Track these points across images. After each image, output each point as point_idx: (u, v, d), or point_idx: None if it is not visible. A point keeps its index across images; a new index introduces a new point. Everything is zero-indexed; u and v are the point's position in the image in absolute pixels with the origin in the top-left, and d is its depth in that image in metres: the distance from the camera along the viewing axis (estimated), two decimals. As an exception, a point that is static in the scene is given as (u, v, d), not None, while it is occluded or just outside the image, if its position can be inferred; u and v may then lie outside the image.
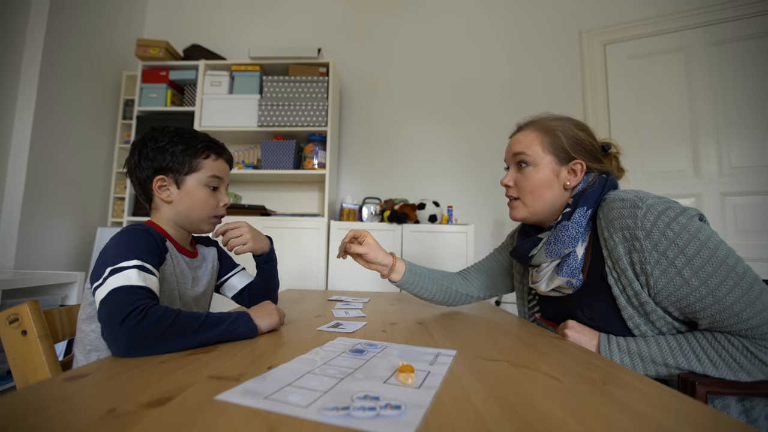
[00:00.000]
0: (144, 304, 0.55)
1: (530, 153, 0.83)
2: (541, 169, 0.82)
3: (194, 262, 0.85)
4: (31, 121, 2.00)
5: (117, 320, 0.52)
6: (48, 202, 2.12)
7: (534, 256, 0.84)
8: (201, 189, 0.79)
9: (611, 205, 0.75)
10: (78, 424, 0.31)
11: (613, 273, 0.73)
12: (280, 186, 2.68)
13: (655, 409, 0.37)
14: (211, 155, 0.80)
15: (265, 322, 0.67)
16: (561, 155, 0.82)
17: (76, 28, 2.27)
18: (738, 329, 0.62)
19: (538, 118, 0.88)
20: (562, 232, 0.78)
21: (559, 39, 2.63)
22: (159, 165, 0.77)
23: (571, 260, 0.78)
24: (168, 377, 0.43)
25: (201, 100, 2.43)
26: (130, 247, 0.64)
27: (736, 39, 2.24)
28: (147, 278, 0.61)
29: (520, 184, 0.85)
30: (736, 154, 2.18)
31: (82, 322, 0.71)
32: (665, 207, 0.68)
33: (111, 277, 0.58)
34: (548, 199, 0.83)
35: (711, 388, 0.62)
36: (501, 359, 0.55)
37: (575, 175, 0.81)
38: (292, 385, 0.41)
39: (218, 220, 0.84)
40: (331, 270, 2.22)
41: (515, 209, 0.87)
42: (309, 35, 2.82)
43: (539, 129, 0.84)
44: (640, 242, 0.67)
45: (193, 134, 0.80)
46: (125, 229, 0.69)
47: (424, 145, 2.68)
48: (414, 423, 0.32)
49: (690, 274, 0.64)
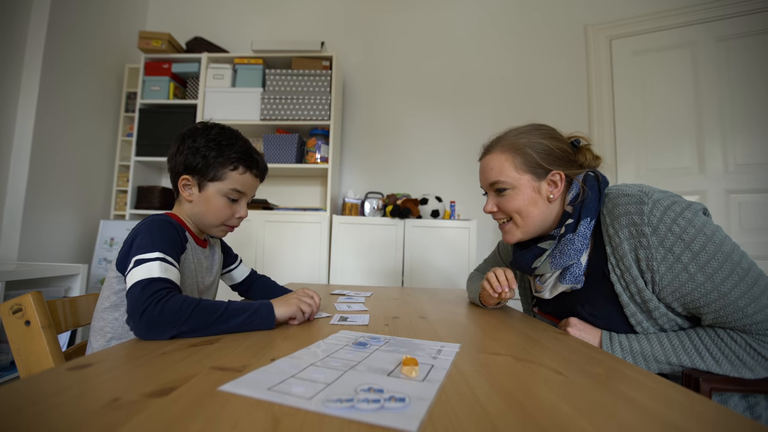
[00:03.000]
0: (162, 295, 0.58)
1: (505, 179, 0.80)
2: (521, 190, 0.80)
3: (206, 251, 0.88)
4: (34, 113, 1.99)
5: (138, 312, 0.56)
6: (51, 195, 2.12)
7: (537, 267, 0.82)
8: (219, 198, 0.80)
9: (615, 201, 0.73)
10: (81, 412, 0.30)
11: (616, 270, 0.72)
12: (283, 180, 2.67)
13: (659, 403, 0.37)
14: (239, 168, 0.80)
15: (282, 311, 0.67)
16: (537, 171, 0.79)
17: (79, 20, 2.26)
18: (742, 325, 0.62)
19: (502, 136, 0.85)
20: (568, 246, 0.76)
21: (564, 34, 2.60)
22: (189, 164, 0.78)
23: (575, 268, 0.78)
24: (171, 368, 0.43)
25: (204, 93, 2.42)
26: (152, 238, 0.67)
27: (742, 35, 2.22)
28: (168, 269, 0.64)
29: (504, 208, 0.83)
30: (741, 151, 2.16)
31: (104, 311, 0.73)
32: (671, 202, 0.67)
33: (135, 269, 0.62)
34: (537, 216, 0.81)
35: (715, 384, 0.62)
36: (505, 354, 0.55)
37: (556, 186, 0.80)
38: (296, 377, 0.40)
39: (230, 229, 0.86)
40: (333, 264, 2.22)
41: (509, 233, 0.85)
42: (312, 29, 2.80)
43: (508, 149, 0.81)
44: (647, 238, 0.67)
45: (232, 142, 0.80)
46: (150, 219, 0.73)
47: (427, 140, 2.66)
48: (418, 415, 0.32)
49: (696, 270, 0.63)
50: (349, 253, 2.23)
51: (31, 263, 1.86)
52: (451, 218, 2.33)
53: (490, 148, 0.85)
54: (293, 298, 0.71)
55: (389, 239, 2.21)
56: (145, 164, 2.52)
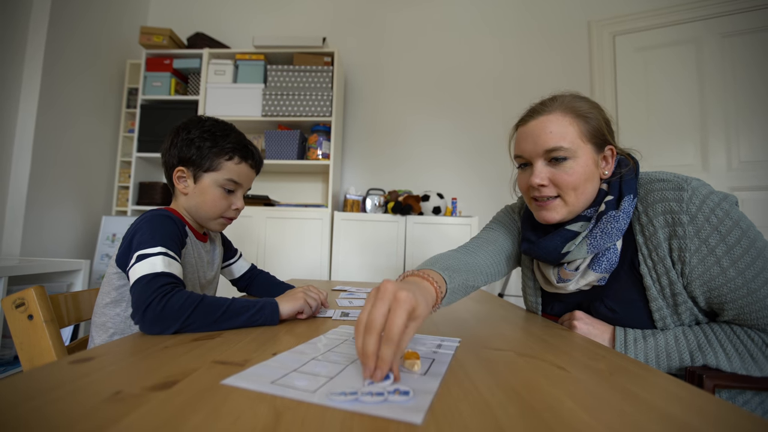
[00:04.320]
0: (166, 290, 0.58)
1: (569, 145, 0.69)
2: (581, 160, 0.70)
3: (207, 245, 0.88)
4: (36, 109, 1.99)
5: (142, 307, 0.56)
6: (53, 191, 2.12)
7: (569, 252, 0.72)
8: (215, 189, 0.79)
9: (650, 187, 0.69)
10: (83, 405, 0.30)
11: (648, 261, 0.68)
12: (284, 176, 2.67)
13: (662, 398, 0.37)
14: (234, 158, 0.79)
15: (288, 306, 0.67)
16: (599, 142, 0.72)
17: (80, 15, 2.26)
18: (764, 323, 0.61)
19: (558, 98, 0.74)
20: (612, 223, 0.69)
21: (567, 30, 2.59)
22: (183, 156, 0.78)
23: (611, 254, 0.71)
24: (173, 362, 0.43)
25: (205, 89, 2.42)
26: (153, 233, 0.67)
27: (747, 31, 2.20)
28: (171, 263, 0.64)
29: (559, 181, 0.70)
30: (744, 149, 2.15)
31: (106, 306, 0.73)
32: (708, 191, 0.65)
33: (137, 264, 0.61)
34: (590, 193, 0.72)
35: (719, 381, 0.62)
36: (506, 349, 0.55)
37: (607, 162, 0.74)
38: (298, 371, 0.40)
39: (228, 221, 0.84)
40: (335, 261, 2.22)
41: (553, 210, 0.73)
42: (313, 24, 2.79)
43: (570, 113, 0.71)
44: (683, 227, 0.64)
45: (226, 133, 0.80)
46: (150, 214, 0.72)
47: (429, 136, 2.66)
48: (422, 408, 0.32)
49: (728, 264, 0.62)
50: (350, 249, 2.23)
51: (33, 259, 1.86)
52: (453, 215, 2.33)
53: (546, 108, 0.73)
54: (299, 292, 0.71)
55: (391, 236, 2.21)
56: (146, 160, 2.52)
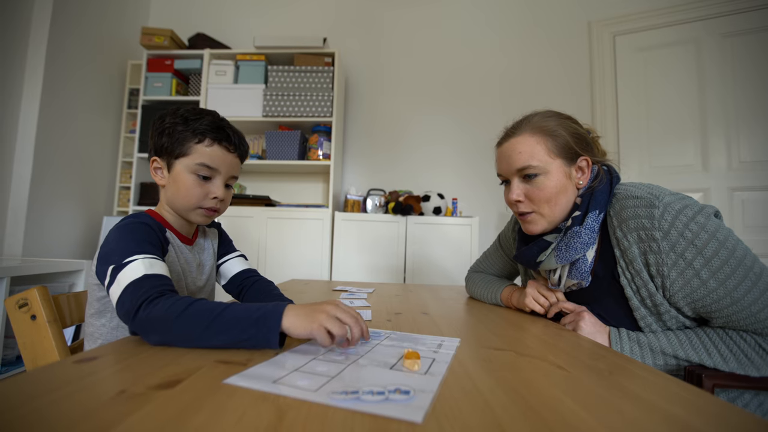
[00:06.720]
0: (151, 295, 0.52)
1: (537, 163, 0.74)
2: (552, 175, 0.74)
3: (193, 248, 0.79)
4: (37, 110, 2.00)
5: (129, 318, 0.51)
6: (54, 191, 2.13)
7: (542, 261, 0.79)
8: (187, 176, 0.71)
9: (624, 203, 0.71)
10: (88, 404, 0.31)
11: (626, 274, 0.71)
12: (285, 176, 2.68)
13: (662, 398, 0.37)
14: (205, 140, 0.70)
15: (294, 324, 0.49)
16: (569, 155, 0.75)
17: (82, 16, 2.26)
18: (754, 328, 0.62)
19: (526, 119, 0.79)
20: (575, 238, 0.73)
21: (567, 30, 2.59)
22: (157, 145, 0.72)
23: (581, 264, 0.75)
24: (176, 361, 0.43)
25: (206, 90, 2.42)
26: (128, 242, 0.60)
27: (747, 31, 2.20)
28: (154, 264, 0.58)
29: (532, 197, 0.76)
30: (745, 149, 2.15)
31: (92, 317, 0.70)
32: (682, 206, 0.65)
33: (118, 275, 0.55)
34: (564, 204, 0.76)
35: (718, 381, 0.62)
36: (507, 349, 0.55)
37: (583, 173, 0.77)
38: (300, 371, 0.41)
39: (210, 213, 0.74)
40: (335, 261, 2.23)
41: (533, 223, 0.78)
42: (314, 25, 2.79)
43: (538, 131, 0.75)
44: (657, 243, 0.65)
45: (201, 116, 0.72)
46: (121, 223, 0.65)
47: (429, 137, 2.66)
48: (423, 407, 0.32)
49: (708, 276, 0.62)
50: (351, 249, 2.23)
51: (35, 259, 1.87)
52: (453, 215, 2.33)
53: (516, 130, 0.78)
54: (319, 311, 0.50)
55: (391, 236, 2.21)
56: (147, 161, 2.52)
